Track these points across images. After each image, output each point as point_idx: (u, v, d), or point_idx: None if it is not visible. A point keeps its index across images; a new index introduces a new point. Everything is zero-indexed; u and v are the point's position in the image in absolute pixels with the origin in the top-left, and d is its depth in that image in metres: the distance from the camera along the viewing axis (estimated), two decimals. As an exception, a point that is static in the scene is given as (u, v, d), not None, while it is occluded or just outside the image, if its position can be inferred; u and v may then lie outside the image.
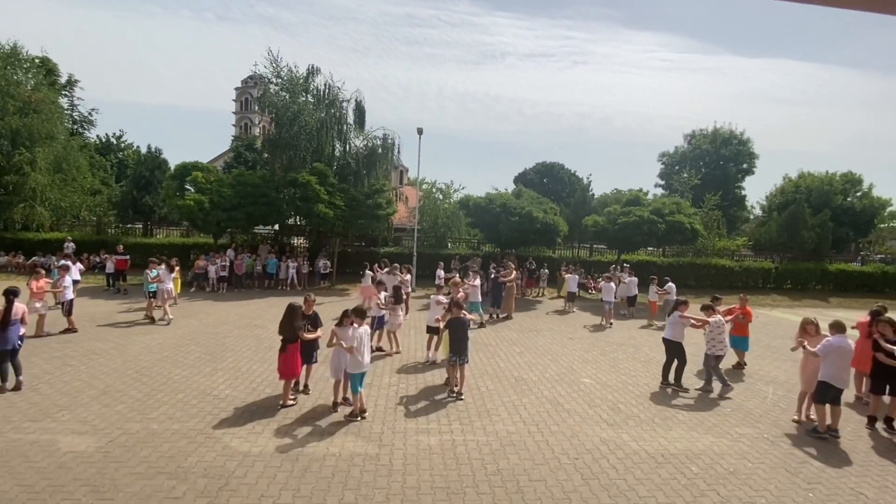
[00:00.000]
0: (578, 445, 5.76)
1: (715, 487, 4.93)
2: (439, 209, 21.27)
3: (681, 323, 8.14)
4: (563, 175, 49.07)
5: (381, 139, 19.68)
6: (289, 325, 6.52)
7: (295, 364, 6.60)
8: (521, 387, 7.83)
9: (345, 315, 6.44)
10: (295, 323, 6.55)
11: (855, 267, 24.91)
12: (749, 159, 37.49)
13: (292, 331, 6.52)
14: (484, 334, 11.66)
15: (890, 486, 5.07)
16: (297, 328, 6.57)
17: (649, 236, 17.81)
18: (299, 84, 19.81)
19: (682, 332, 8.14)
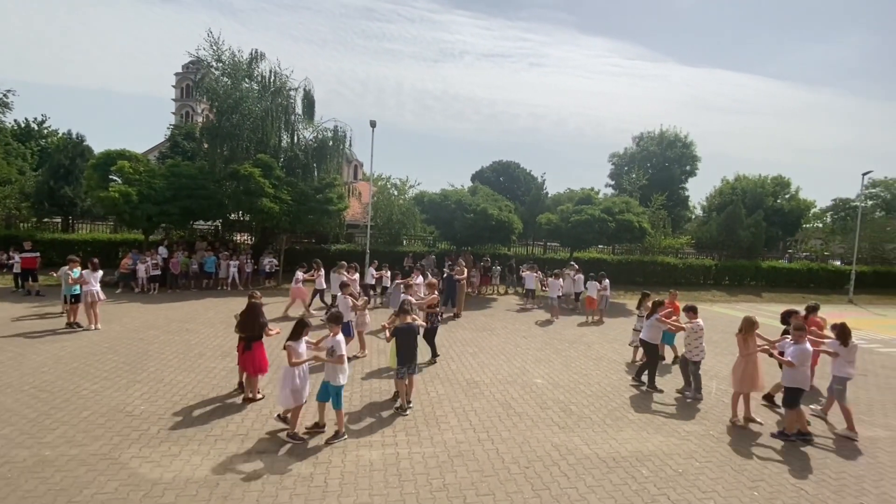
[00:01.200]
0: (529, 452, 5.50)
1: (665, 491, 4.81)
2: (394, 205, 20.65)
3: (657, 325, 8.06)
4: (518, 174, 49.65)
5: (333, 131, 18.83)
6: (254, 322, 6.51)
7: (264, 360, 6.64)
8: (472, 390, 7.52)
9: (301, 327, 5.64)
10: (261, 320, 6.52)
11: (784, 264, 26.73)
12: (692, 161, 39.51)
13: (259, 328, 6.53)
14: (440, 335, 11.27)
15: (827, 480, 5.17)
16: (262, 325, 6.57)
17: (600, 234, 18.13)
18: (242, 69, 18.50)
19: (658, 335, 8.08)
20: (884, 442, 6.29)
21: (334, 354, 5.54)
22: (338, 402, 5.58)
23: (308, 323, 5.67)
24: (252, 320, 6.55)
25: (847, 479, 5.22)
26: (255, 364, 6.56)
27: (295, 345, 5.48)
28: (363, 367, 8.40)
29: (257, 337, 6.57)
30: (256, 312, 6.58)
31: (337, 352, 5.56)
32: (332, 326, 5.73)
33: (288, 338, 5.55)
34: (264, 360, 6.70)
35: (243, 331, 6.57)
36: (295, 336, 5.54)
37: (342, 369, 5.60)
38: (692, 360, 7.63)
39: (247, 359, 6.53)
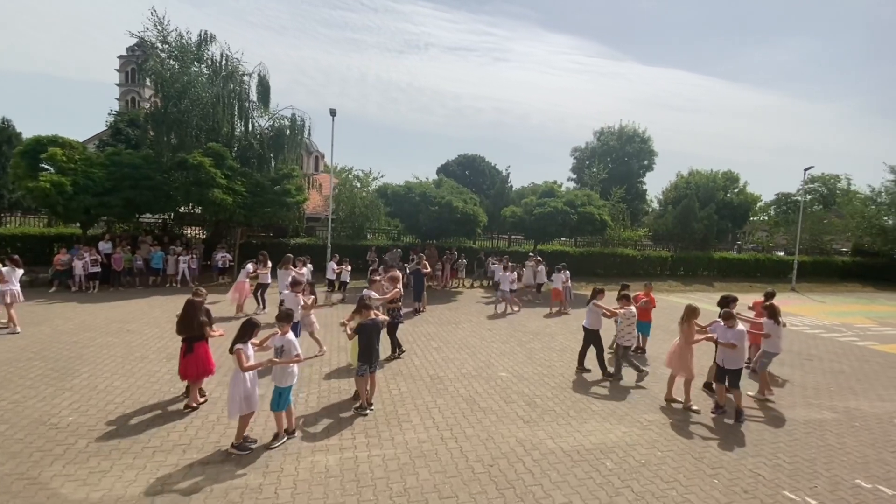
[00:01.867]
0: (494, 449, 5.34)
1: (629, 483, 4.76)
2: (356, 198, 20.03)
3: (595, 311, 8.19)
4: (484, 168, 49.74)
5: (290, 119, 17.97)
6: (192, 321, 6.02)
7: (208, 362, 6.11)
8: (436, 386, 7.30)
9: (250, 327, 5.11)
10: (200, 318, 6.03)
11: (734, 255, 28.11)
12: (649, 156, 40.83)
13: (199, 327, 6.04)
14: (401, 330, 10.96)
15: (782, 465, 5.30)
16: (203, 324, 6.09)
17: (563, 227, 18.33)
18: (190, 52, 17.33)
19: (598, 321, 8.19)
20: (830, 424, 6.56)
21: (284, 354, 5.18)
22: (280, 402, 5.23)
23: (257, 323, 5.21)
24: (190, 319, 6.03)
25: (800, 462, 5.38)
26: (199, 367, 6.05)
27: (245, 347, 5.03)
28: (321, 366, 8.01)
29: (199, 337, 6.07)
30: (194, 310, 6.07)
31: (292, 351, 5.23)
32: (281, 325, 5.37)
33: (235, 340, 5.07)
34: (209, 362, 6.19)
35: (181, 331, 6.06)
36: (244, 338, 5.06)
37: (292, 370, 5.27)
38: (622, 345, 7.96)
39: (188, 362, 6.00)
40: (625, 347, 7.98)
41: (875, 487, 4.88)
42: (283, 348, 5.24)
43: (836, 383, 8.49)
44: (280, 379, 5.20)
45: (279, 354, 5.22)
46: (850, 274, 28.45)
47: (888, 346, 11.85)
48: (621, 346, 8.02)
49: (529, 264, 16.55)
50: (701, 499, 4.55)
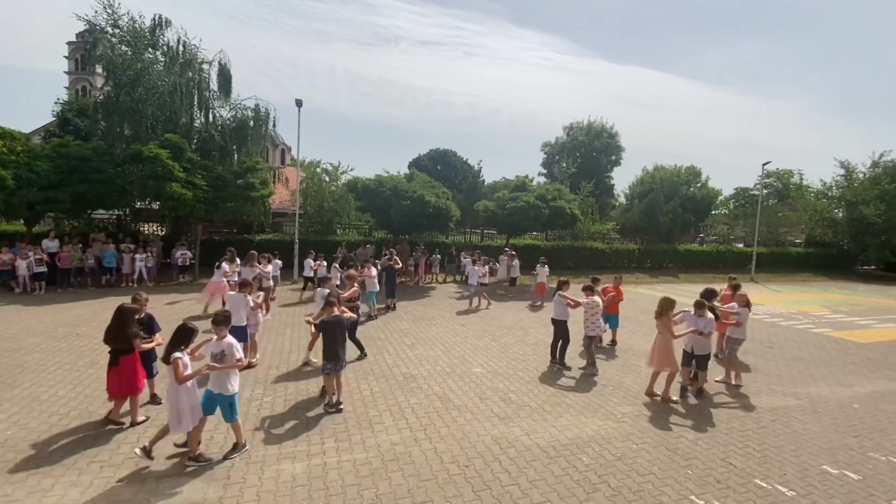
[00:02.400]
0: (469, 449, 5.20)
1: (605, 478, 4.71)
2: (325, 192, 19.45)
3: (560, 302, 8.19)
4: (455, 162, 49.57)
5: (254, 110, 17.20)
6: (120, 331, 5.30)
7: (136, 378, 5.38)
8: (409, 385, 7.09)
9: (186, 333, 4.71)
10: (129, 329, 5.28)
11: (697, 247, 29.11)
12: (617, 151, 41.69)
13: (126, 338, 5.32)
14: (373, 327, 10.73)
15: (752, 453, 5.39)
16: (132, 335, 5.35)
17: (535, 221, 18.41)
18: (144, 37, 16.32)
19: (565, 311, 8.20)
20: (795, 411, 6.76)
21: (225, 360, 4.77)
22: (232, 413, 4.84)
23: (193, 328, 4.76)
24: (118, 329, 5.29)
25: (769, 450, 5.49)
26: (123, 384, 5.30)
27: (183, 355, 4.56)
28: (288, 367, 7.65)
29: (126, 350, 5.33)
30: (124, 319, 5.33)
31: (234, 355, 4.82)
32: (219, 329, 4.91)
33: (169, 348, 4.58)
34: (136, 378, 5.40)
35: (107, 341, 5.35)
36: (179, 345, 4.60)
37: (235, 375, 4.86)
38: (587, 335, 7.99)
39: (112, 377, 5.28)
40: (590, 337, 8.00)
41: (841, 472, 5.02)
42: (224, 353, 4.79)
43: (798, 370, 8.81)
44: (224, 387, 4.76)
45: (219, 360, 4.77)
46: (804, 264, 29.93)
47: (842, 332, 12.45)
48: (587, 336, 8.02)
49: (503, 258, 16.55)
50: (676, 491, 4.54)
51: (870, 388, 7.94)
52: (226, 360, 4.79)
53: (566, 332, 8.26)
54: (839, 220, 32.09)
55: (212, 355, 4.83)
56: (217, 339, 4.89)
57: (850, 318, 14.72)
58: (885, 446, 5.70)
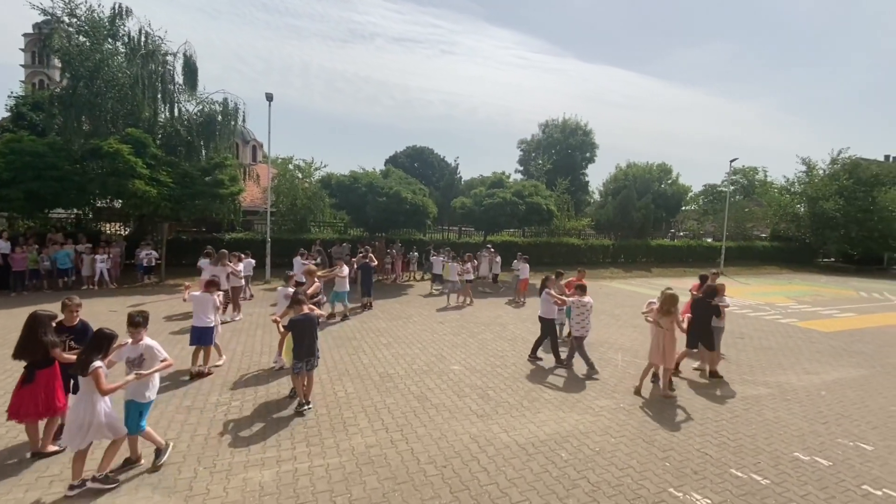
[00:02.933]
0: (447, 448, 5.06)
1: (585, 474, 4.65)
2: (298, 189, 18.95)
3: (547, 300, 8.12)
4: (433, 160, 49.37)
5: (222, 104, 16.61)
6: (33, 341, 4.44)
7: (55, 396, 4.60)
8: (385, 384, 6.91)
9: (105, 340, 4.14)
10: (43, 337, 4.45)
11: (669, 242, 29.79)
12: (591, 149, 42.32)
13: (41, 348, 4.45)
14: (349, 327, 10.47)
15: (727, 442, 5.43)
16: (50, 344, 4.47)
17: (512, 217, 18.42)
18: (102, 27, 15.53)
19: (552, 310, 8.13)
20: (766, 399, 6.89)
21: (146, 364, 4.39)
22: (139, 423, 4.37)
23: (112, 334, 4.19)
24: (28, 339, 4.48)
25: (743, 439, 5.55)
26: (40, 402, 4.50)
27: (102, 364, 4.06)
28: (258, 369, 7.35)
29: (44, 363, 4.54)
30: (36, 326, 4.49)
31: (157, 357, 4.44)
32: (136, 331, 4.45)
33: (85, 357, 4.03)
34: (55, 397, 4.59)
35: (16, 355, 4.53)
36: (97, 353, 4.05)
37: (154, 383, 4.48)
38: (574, 336, 7.87)
39: (24, 396, 4.46)
40: (576, 338, 7.87)
41: (812, 459, 5.11)
42: (143, 358, 4.40)
43: (767, 359, 9.02)
44: (140, 393, 4.34)
45: (138, 365, 4.38)
46: (769, 258, 31.05)
47: (807, 322, 12.89)
48: (574, 338, 7.93)
49: (485, 255, 16.54)
50: (655, 484, 4.52)
51: (835, 375, 8.19)
52: (146, 364, 4.38)
53: (553, 330, 8.22)
54: (801, 215, 33.43)
55: (127, 361, 4.38)
56: (133, 343, 4.43)
57: (813, 308, 15.28)
58: (852, 432, 5.85)
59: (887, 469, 4.96)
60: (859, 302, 17.02)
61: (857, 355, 9.56)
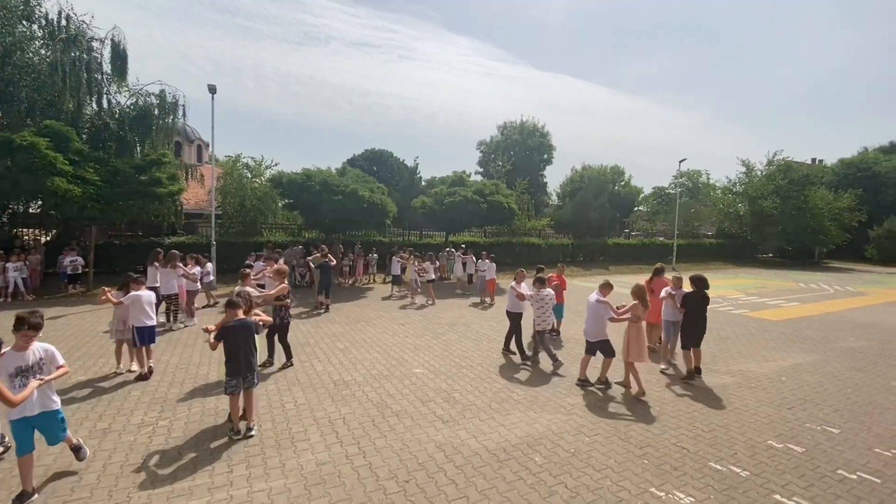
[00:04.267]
0: (410, 460, 4.53)
1: (561, 479, 4.26)
2: (246, 188, 17.74)
3: (513, 294, 7.83)
4: (392, 163, 48.51)
5: (159, 97, 15.30)
6: None
7: None
8: (341, 393, 6.27)
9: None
10: None
11: (624, 241, 30.63)
12: (549, 150, 43.13)
13: None
14: (302, 332, 9.69)
15: (701, 434, 5.23)
16: None
17: (473, 216, 18.12)
18: (16, 8, 13.87)
19: (518, 304, 7.84)
20: (733, 388, 6.83)
21: (46, 369, 3.85)
22: (64, 427, 4.04)
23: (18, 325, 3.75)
24: None
25: (716, 429, 5.37)
26: None
27: None
28: (194, 383, 6.50)
29: None
30: None
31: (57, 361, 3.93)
32: (26, 335, 3.78)
33: None
34: None
35: None
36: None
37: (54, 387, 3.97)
38: (537, 329, 7.62)
39: None
40: (538, 332, 7.61)
41: (786, 447, 4.98)
42: (42, 362, 3.83)
43: (727, 349, 9.11)
44: (51, 401, 3.90)
45: (39, 371, 3.79)
46: (716, 254, 32.60)
47: (757, 312, 13.34)
48: (535, 332, 7.66)
49: (458, 256, 16.13)
50: (635, 484, 4.19)
51: (791, 361, 8.34)
52: (46, 370, 3.84)
53: (518, 324, 7.94)
54: (743, 213, 35.41)
55: (16, 371, 3.69)
56: (18, 350, 3.75)
57: (761, 299, 15.94)
58: (817, 416, 5.83)
59: (856, 452, 4.91)
60: (800, 292, 17.98)
61: (807, 341, 9.87)
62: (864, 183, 37.00)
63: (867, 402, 6.34)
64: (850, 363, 8.26)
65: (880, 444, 5.10)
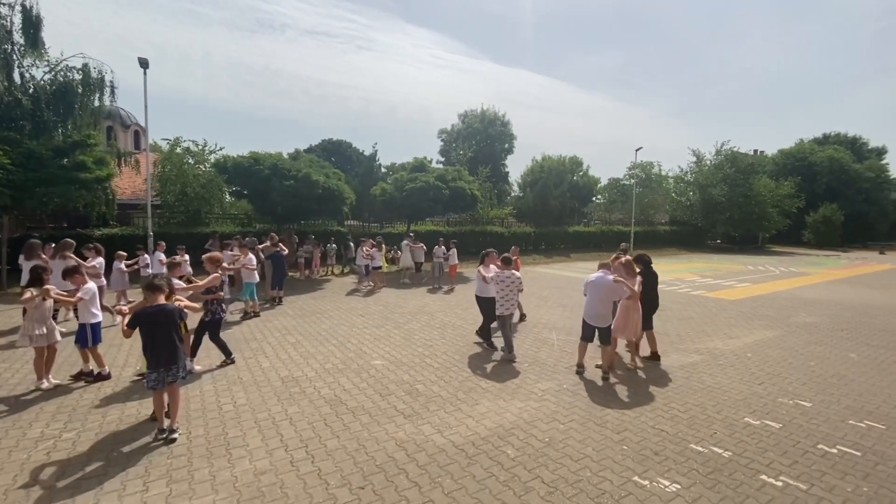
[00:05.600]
0: (366, 463, 3.96)
1: (537, 472, 3.83)
2: (188, 175, 16.28)
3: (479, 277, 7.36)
4: (351, 153, 47.06)
5: (82, 71, 13.67)
6: None
7: None
8: (289, 390, 5.59)
9: None
10: None
11: (584, 228, 31.11)
12: (510, 140, 43.09)
13: None
14: (248, 327, 8.84)
15: (678, 415, 4.97)
16: None
17: (435, 202, 17.55)
18: None
19: (485, 287, 7.35)
20: (702, 366, 6.68)
21: None
22: None
23: None
24: None
25: (692, 409, 5.13)
26: None
27: None
28: (114, 386, 5.61)
29: None
30: None
31: None
32: None
33: None
34: None
35: None
36: None
37: None
38: (498, 314, 7.07)
39: None
40: (499, 316, 7.07)
41: (763, 423, 4.79)
42: None
43: (690, 328, 9.09)
44: None
45: None
46: (670, 240, 33.73)
47: (714, 293, 13.63)
48: (497, 315, 7.12)
49: (406, 243, 15.46)
50: (617, 473, 3.82)
51: (753, 337, 8.38)
52: None
53: (488, 307, 7.42)
54: (694, 201, 36.83)
55: None
56: None
57: (715, 280, 16.38)
58: (787, 390, 5.73)
59: (831, 425, 4.78)
60: (749, 274, 18.69)
61: (764, 318, 10.04)
62: (801, 172, 39.46)
63: (831, 375, 6.34)
64: (808, 337, 8.40)
65: (852, 415, 5.02)
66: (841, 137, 48.98)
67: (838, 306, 11.58)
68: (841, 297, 13.08)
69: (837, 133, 49.74)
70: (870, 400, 5.45)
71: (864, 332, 8.92)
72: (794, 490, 3.63)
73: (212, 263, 6.32)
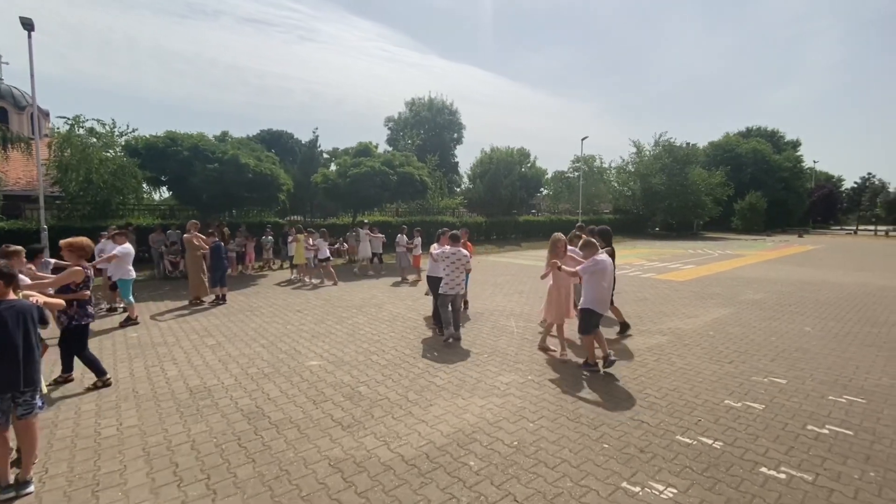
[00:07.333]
0: (288, 494, 3.03)
1: (508, 488, 3.09)
2: (93, 160, 14.03)
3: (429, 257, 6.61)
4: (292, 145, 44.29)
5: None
6: None
7: None
8: (197, 403, 4.49)
9: None
10: None
11: (534, 217, 31.24)
12: (459, 129, 42.50)
13: None
14: (159, 328, 7.49)
15: (656, 402, 4.43)
16: None
17: (382, 189, 16.48)
18: None
19: (436, 267, 6.63)
20: (669, 347, 6.29)
21: None
22: None
23: None
24: None
25: (669, 394, 4.63)
26: None
27: None
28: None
29: None
30: None
31: None
32: None
33: None
34: None
35: None
36: None
37: None
38: (441, 293, 6.49)
39: None
40: (442, 295, 6.46)
41: (744, 405, 4.36)
42: None
43: (649, 309, 8.82)
44: None
45: None
46: (614, 228, 34.10)
47: (664, 275, 13.72)
48: (442, 294, 6.49)
49: (364, 233, 14.36)
50: (601, 480, 3.17)
51: (710, 316, 8.21)
52: None
53: (437, 289, 6.75)
54: (635, 190, 38.18)
55: None
56: None
57: (662, 263, 16.67)
58: (759, 367, 5.42)
59: (813, 402, 4.45)
60: (691, 257, 19.29)
61: (715, 297, 10.03)
62: (729, 162, 42.07)
63: (795, 349, 6.15)
64: (761, 313, 8.35)
65: (829, 390, 4.73)
66: (762, 131, 52.90)
67: (778, 283, 11.93)
68: (777, 275, 13.59)
69: (759, 127, 53.68)
70: (840, 373, 5.23)
71: (809, 305, 9.06)
72: (799, 482, 3.14)
73: (72, 252, 4.89)
